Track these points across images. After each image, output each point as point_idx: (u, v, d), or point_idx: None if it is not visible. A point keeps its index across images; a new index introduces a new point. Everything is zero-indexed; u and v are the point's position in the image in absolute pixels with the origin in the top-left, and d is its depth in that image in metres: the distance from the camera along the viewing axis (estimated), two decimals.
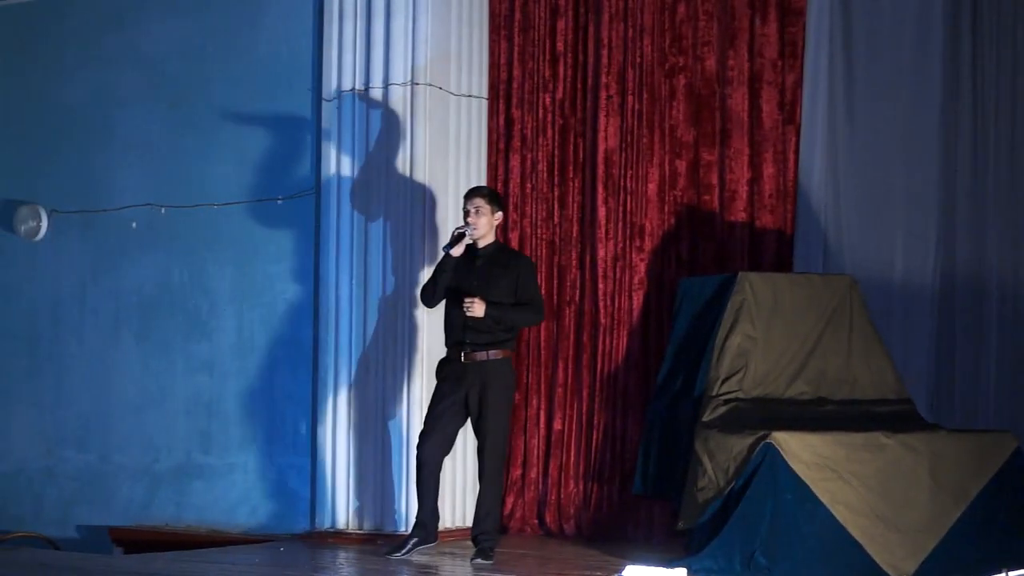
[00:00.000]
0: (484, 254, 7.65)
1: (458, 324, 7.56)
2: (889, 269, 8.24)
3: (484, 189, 7.86)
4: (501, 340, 7.56)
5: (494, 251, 7.70)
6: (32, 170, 10.46)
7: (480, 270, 7.59)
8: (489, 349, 7.51)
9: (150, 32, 10.07)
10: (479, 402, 7.51)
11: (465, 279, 7.58)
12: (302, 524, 9.14)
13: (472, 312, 7.43)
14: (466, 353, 7.52)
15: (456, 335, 7.58)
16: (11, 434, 10.40)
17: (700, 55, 8.70)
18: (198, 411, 9.73)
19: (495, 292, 7.53)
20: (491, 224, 7.66)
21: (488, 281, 7.55)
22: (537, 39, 9.12)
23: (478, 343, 7.51)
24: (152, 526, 9.72)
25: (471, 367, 7.52)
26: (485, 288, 7.52)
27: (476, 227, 7.58)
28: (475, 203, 7.63)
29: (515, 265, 7.66)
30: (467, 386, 7.52)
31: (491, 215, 7.64)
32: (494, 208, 7.67)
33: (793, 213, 8.43)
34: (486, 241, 7.66)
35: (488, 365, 7.51)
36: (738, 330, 7.47)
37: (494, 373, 7.52)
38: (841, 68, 8.39)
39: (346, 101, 8.89)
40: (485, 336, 7.51)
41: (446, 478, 8.01)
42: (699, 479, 7.12)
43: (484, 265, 7.62)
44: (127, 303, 10.06)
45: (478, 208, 7.61)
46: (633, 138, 8.79)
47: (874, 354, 7.61)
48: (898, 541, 6.90)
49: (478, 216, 7.59)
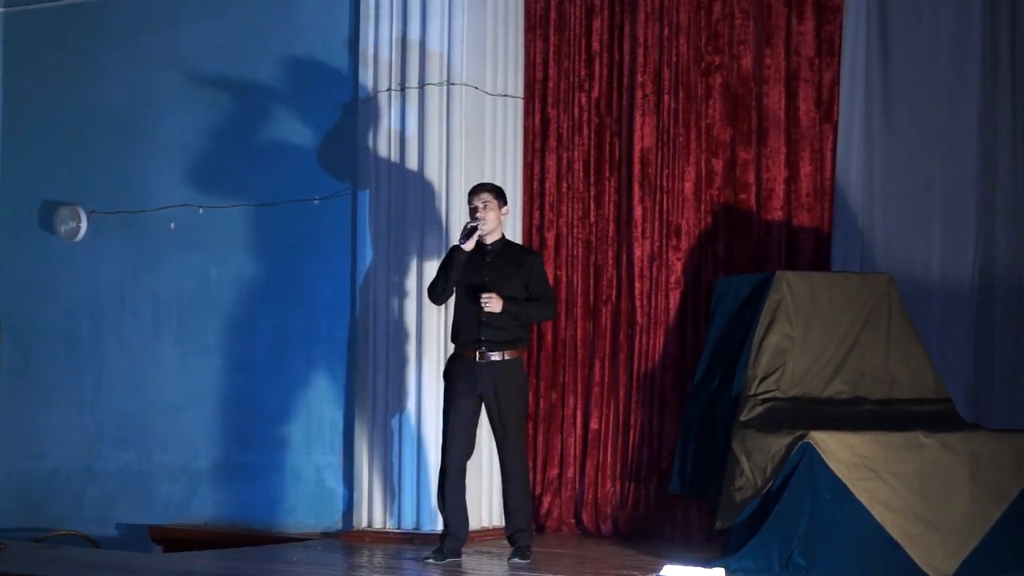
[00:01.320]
0: (493, 250, 7.54)
1: (472, 321, 7.44)
2: (927, 267, 8.21)
3: (489, 184, 7.74)
4: (516, 338, 7.46)
5: (503, 247, 7.59)
6: (71, 171, 10.52)
7: (491, 266, 7.49)
8: (504, 348, 7.40)
9: (188, 33, 10.11)
10: (496, 403, 7.40)
11: (476, 275, 7.45)
12: (339, 523, 9.17)
13: (490, 308, 7.32)
14: (481, 352, 7.41)
15: (471, 333, 7.45)
16: (52, 433, 10.47)
17: (736, 53, 8.69)
18: (236, 410, 9.76)
19: (508, 288, 7.42)
20: (499, 219, 7.56)
21: (501, 277, 7.45)
22: (573, 38, 9.12)
23: (494, 341, 7.40)
24: (191, 524, 9.75)
25: (485, 367, 7.40)
26: (498, 284, 7.41)
27: (485, 221, 7.47)
28: (482, 198, 7.52)
29: (527, 260, 7.57)
30: (481, 387, 7.41)
31: (498, 210, 7.54)
32: (501, 203, 7.57)
33: (830, 211, 8.41)
34: (494, 237, 7.56)
35: (502, 366, 7.40)
36: (775, 329, 7.46)
37: (508, 374, 7.41)
38: (878, 65, 8.36)
39: (382, 101, 8.90)
40: (501, 333, 7.40)
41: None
42: (736, 479, 7.11)
43: (495, 261, 7.51)
44: (166, 303, 10.10)
45: (486, 203, 7.50)
46: (669, 137, 8.78)
47: (913, 353, 7.58)
48: (937, 541, 6.87)
49: (486, 211, 7.49)
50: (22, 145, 10.76)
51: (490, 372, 7.40)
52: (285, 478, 9.53)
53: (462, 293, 7.49)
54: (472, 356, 7.43)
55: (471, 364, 7.43)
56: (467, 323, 7.47)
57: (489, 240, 7.54)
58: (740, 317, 7.78)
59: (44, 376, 10.51)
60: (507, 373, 7.41)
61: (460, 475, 7.48)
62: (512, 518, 7.50)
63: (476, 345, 7.42)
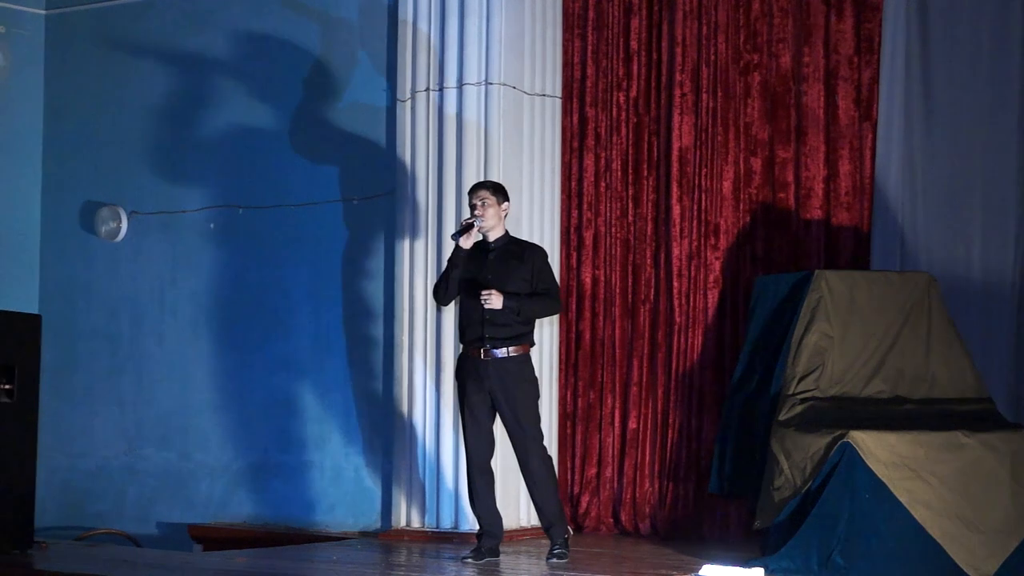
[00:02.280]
0: (496, 247, 7.52)
1: (476, 319, 7.41)
2: (968, 266, 8.15)
3: (489, 182, 7.73)
4: (520, 334, 7.42)
5: (506, 243, 7.55)
6: (112, 172, 10.59)
7: (494, 263, 7.46)
8: (509, 345, 7.37)
9: (227, 34, 10.15)
10: (506, 399, 7.38)
11: (479, 273, 7.44)
12: (378, 522, 9.20)
13: (490, 304, 7.29)
14: (486, 350, 7.38)
15: (475, 331, 7.43)
16: (94, 432, 10.54)
17: (775, 52, 8.66)
18: (275, 410, 9.80)
19: (511, 284, 7.38)
20: (499, 216, 7.51)
21: (503, 273, 7.42)
22: (611, 37, 9.11)
23: (498, 338, 7.37)
24: (231, 523, 9.80)
25: (491, 364, 7.36)
26: (501, 280, 7.37)
27: (484, 218, 7.45)
28: (480, 195, 7.50)
29: (529, 255, 7.51)
30: (489, 385, 7.38)
31: (498, 206, 7.50)
32: (500, 199, 7.52)
33: (870, 210, 8.37)
34: (496, 234, 7.53)
35: (508, 363, 7.37)
36: (815, 328, 7.43)
37: (515, 370, 7.37)
38: (918, 63, 8.31)
39: (420, 101, 8.92)
40: (504, 330, 7.37)
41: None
42: (776, 478, 7.09)
43: (497, 258, 7.48)
44: (205, 303, 10.16)
45: (484, 200, 7.48)
46: (708, 136, 8.76)
47: (953, 352, 7.54)
48: (979, 542, 6.83)
49: (485, 208, 7.46)
50: (64, 146, 10.85)
51: (496, 369, 7.37)
52: (324, 477, 9.56)
53: (465, 291, 7.47)
54: (477, 354, 7.40)
55: (477, 362, 7.41)
56: (471, 321, 7.46)
57: (492, 237, 7.52)
58: (779, 316, 7.75)
59: (85, 375, 10.59)
60: (514, 369, 7.38)
61: (486, 474, 7.49)
62: (543, 513, 7.45)
63: (480, 343, 7.39)
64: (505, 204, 7.56)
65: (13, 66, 10.84)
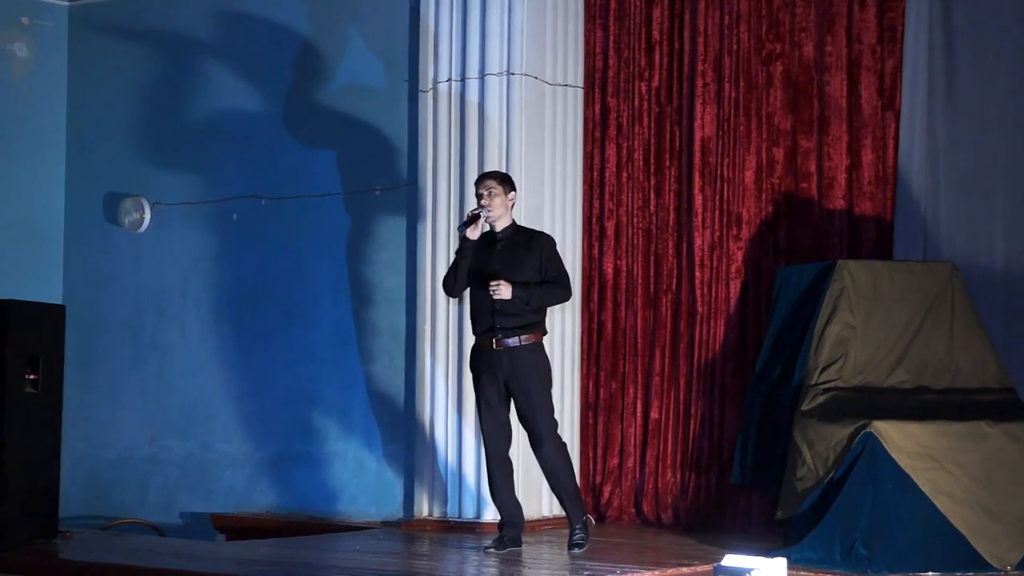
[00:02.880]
0: (503, 236, 7.51)
1: (486, 310, 7.41)
2: (991, 256, 8.12)
3: (495, 172, 7.73)
4: (531, 323, 7.40)
5: (513, 232, 7.53)
6: (135, 163, 10.62)
7: (501, 253, 7.45)
8: (520, 334, 7.36)
9: (249, 25, 10.16)
10: (520, 389, 7.37)
11: (488, 263, 7.42)
12: (400, 512, 9.21)
13: (499, 295, 7.28)
14: (497, 340, 7.36)
15: (485, 321, 7.42)
16: (117, 422, 10.58)
17: (797, 41, 8.64)
18: (298, 400, 9.82)
19: (520, 273, 7.37)
20: (506, 205, 7.50)
21: (511, 263, 7.41)
22: (633, 27, 9.10)
23: (509, 327, 7.35)
24: (253, 513, 9.82)
25: (503, 354, 7.35)
26: (509, 270, 7.36)
27: (491, 208, 7.44)
28: (487, 185, 7.50)
29: (537, 243, 7.49)
30: (502, 375, 7.37)
31: (505, 196, 7.49)
32: (507, 189, 7.51)
33: (893, 200, 8.34)
34: (503, 223, 7.52)
35: (520, 351, 7.36)
36: (837, 318, 7.42)
37: (527, 359, 7.36)
38: (941, 53, 8.27)
39: (442, 92, 8.92)
40: (515, 320, 7.35)
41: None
42: (798, 468, 7.08)
43: (505, 247, 7.47)
44: (228, 294, 10.18)
45: (490, 190, 7.47)
46: (730, 126, 8.74)
47: (976, 342, 7.51)
48: (1002, 532, 6.82)
49: (492, 198, 7.45)
50: (87, 138, 10.88)
51: (508, 359, 7.36)
52: (347, 467, 9.58)
53: (474, 282, 7.47)
54: (489, 344, 7.40)
55: (490, 352, 7.40)
56: (481, 312, 7.46)
57: (499, 227, 7.51)
58: (801, 306, 7.74)
59: (109, 366, 10.63)
60: (526, 358, 7.37)
61: (504, 464, 7.49)
62: (561, 499, 7.48)
63: (491, 333, 7.39)
64: (511, 194, 7.55)
65: (37, 57, 10.88)
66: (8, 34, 10.78)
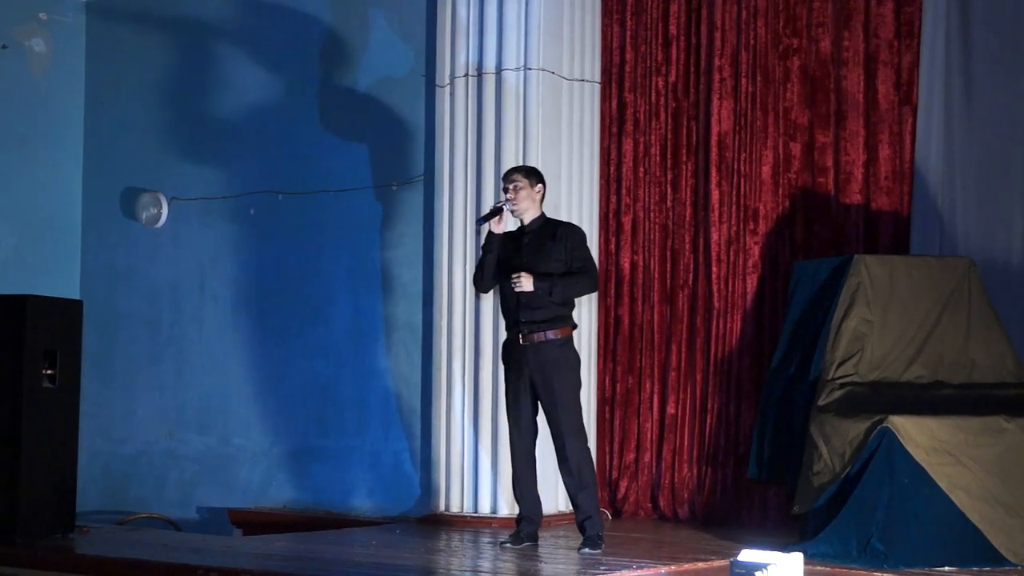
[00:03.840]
0: (531, 230, 7.45)
1: (512, 304, 7.35)
2: (1008, 250, 8.09)
3: (521, 166, 7.69)
4: (557, 317, 7.31)
5: (541, 225, 7.47)
6: (153, 158, 10.65)
7: (528, 246, 7.38)
8: (547, 329, 7.28)
9: (267, 21, 10.19)
10: (544, 386, 7.29)
11: (514, 257, 7.37)
12: (417, 507, 9.22)
13: (520, 287, 7.22)
14: (523, 334, 7.30)
15: (511, 315, 7.38)
16: (135, 417, 10.61)
17: (814, 36, 8.62)
18: (315, 395, 9.84)
19: (545, 265, 7.29)
20: (533, 198, 7.44)
21: (537, 255, 7.34)
22: (650, 22, 9.09)
23: (534, 321, 7.27)
24: (270, 508, 9.85)
25: (530, 349, 7.29)
26: (534, 263, 7.29)
27: (516, 202, 7.39)
28: (512, 179, 7.45)
29: (563, 233, 7.41)
30: (529, 370, 7.30)
31: (531, 188, 7.42)
32: (532, 182, 7.45)
33: (909, 195, 8.32)
34: (531, 216, 7.46)
35: (546, 347, 7.28)
36: (854, 313, 7.40)
37: (554, 354, 7.28)
38: (958, 47, 8.25)
39: (459, 87, 8.92)
40: (540, 313, 7.27)
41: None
42: (814, 463, 7.07)
43: (532, 240, 7.41)
44: (245, 289, 10.20)
45: (515, 183, 7.42)
46: (747, 121, 8.73)
47: (993, 337, 7.49)
48: (1018, 527, 6.79)
49: (517, 192, 7.40)
50: (105, 133, 10.92)
51: (535, 353, 7.29)
52: (363, 462, 9.60)
53: (502, 276, 7.42)
54: (516, 339, 7.36)
55: (517, 347, 7.35)
56: (508, 306, 7.41)
57: (526, 220, 7.47)
58: (818, 301, 7.72)
59: (126, 361, 10.66)
60: (552, 355, 7.28)
61: (528, 459, 7.44)
62: (578, 505, 7.35)
63: (517, 327, 7.34)
64: (539, 187, 7.50)
65: (54, 53, 10.92)
66: (26, 30, 10.82)
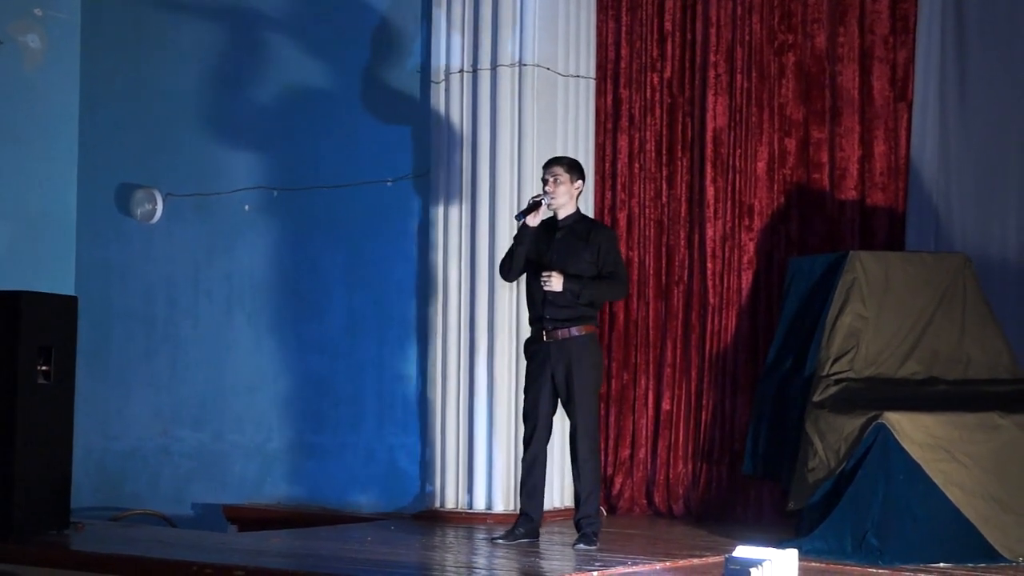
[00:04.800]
0: (565, 226, 7.38)
1: (538, 299, 7.30)
2: (1003, 246, 8.09)
3: (564, 158, 7.59)
4: (583, 315, 7.26)
5: (574, 222, 7.40)
6: (148, 154, 10.64)
7: (559, 242, 7.32)
8: (571, 326, 7.23)
9: (261, 16, 10.17)
10: (566, 383, 7.26)
11: (544, 252, 7.32)
12: (412, 503, 9.21)
13: (550, 286, 7.17)
14: (547, 331, 7.26)
15: (536, 311, 7.34)
16: (129, 413, 10.60)
17: (810, 32, 8.62)
18: (310, 391, 9.83)
19: (574, 265, 7.25)
20: (571, 194, 7.39)
21: (567, 254, 7.28)
22: (645, 18, 9.08)
23: (559, 319, 7.23)
24: (265, 504, 9.84)
25: (553, 346, 7.25)
26: (564, 261, 7.25)
27: (555, 195, 7.33)
28: (553, 171, 7.37)
29: (596, 236, 7.35)
30: (552, 366, 7.27)
31: (571, 184, 7.37)
32: (573, 177, 7.39)
33: (905, 191, 8.32)
34: (567, 212, 7.40)
35: (571, 343, 7.23)
36: (849, 309, 7.41)
37: (578, 351, 7.23)
38: (954, 43, 8.24)
39: (454, 83, 8.92)
40: (565, 311, 7.23)
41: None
42: (810, 460, 7.07)
43: (564, 237, 7.34)
44: (240, 285, 10.19)
45: (556, 176, 7.35)
46: (742, 117, 8.73)
47: (988, 333, 7.50)
48: (1014, 523, 6.81)
49: (556, 185, 7.33)
50: (100, 129, 10.90)
51: (559, 350, 7.26)
52: (358, 458, 9.59)
53: (530, 270, 7.38)
54: (540, 335, 7.33)
55: (540, 344, 7.33)
56: (534, 302, 7.37)
57: (561, 215, 7.42)
58: (813, 297, 7.73)
59: (121, 357, 10.65)
60: (577, 351, 7.24)
61: (540, 457, 7.40)
62: (581, 505, 7.34)
63: (541, 323, 7.31)
64: (578, 182, 7.43)
65: (49, 49, 10.90)
66: (21, 25, 10.80)
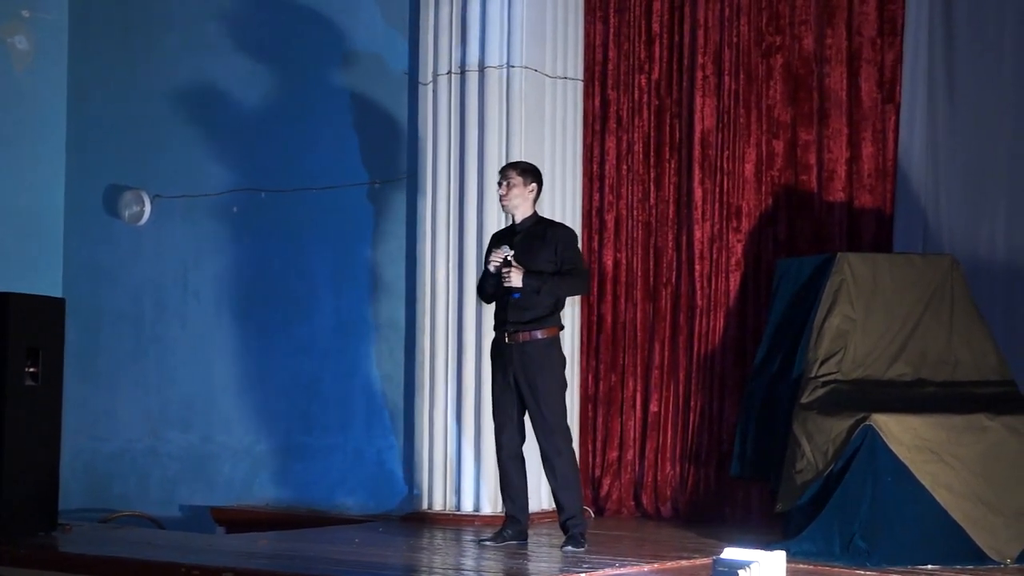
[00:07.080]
0: (523, 229, 7.40)
1: (501, 303, 7.33)
2: (991, 248, 8.11)
3: (519, 163, 7.61)
4: (544, 317, 7.26)
5: (532, 224, 7.41)
6: (136, 156, 10.63)
7: (518, 245, 7.31)
8: (533, 329, 7.23)
9: (249, 18, 10.17)
10: (527, 385, 7.25)
11: None
12: (400, 505, 9.21)
13: (510, 282, 7.18)
14: (509, 333, 7.26)
15: (500, 314, 7.34)
16: (117, 415, 10.59)
17: (797, 34, 8.63)
18: (298, 392, 9.83)
19: (534, 265, 7.23)
20: (524, 196, 7.39)
21: (527, 255, 7.27)
22: (633, 20, 9.09)
23: (521, 321, 7.23)
24: (253, 506, 9.84)
25: (515, 348, 7.24)
26: (524, 263, 7.23)
27: (507, 199, 7.38)
28: (506, 175, 7.41)
29: (553, 235, 7.36)
30: (513, 369, 7.26)
31: (523, 187, 7.37)
32: (527, 180, 7.39)
33: (892, 193, 8.33)
34: (523, 214, 7.42)
35: (531, 347, 7.23)
36: (837, 311, 7.41)
37: (537, 355, 7.23)
38: (941, 45, 8.25)
39: (442, 84, 8.91)
40: (527, 313, 7.22)
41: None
42: (797, 461, 7.08)
43: (522, 240, 7.34)
44: (228, 286, 10.19)
45: (508, 180, 7.38)
46: (730, 118, 8.74)
47: (976, 335, 7.51)
48: (1001, 524, 6.81)
49: (509, 188, 7.37)
50: (87, 130, 10.89)
51: (519, 353, 7.25)
52: (346, 460, 9.59)
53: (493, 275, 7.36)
54: (502, 338, 7.32)
55: (503, 347, 7.32)
56: (499, 305, 7.38)
57: (518, 218, 7.44)
58: (801, 299, 7.73)
59: (109, 359, 10.64)
60: (536, 353, 7.24)
61: (514, 459, 7.40)
62: (561, 505, 7.31)
63: (504, 326, 7.31)
64: (532, 185, 7.43)
65: (37, 50, 10.88)
66: (9, 27, 10.78)
